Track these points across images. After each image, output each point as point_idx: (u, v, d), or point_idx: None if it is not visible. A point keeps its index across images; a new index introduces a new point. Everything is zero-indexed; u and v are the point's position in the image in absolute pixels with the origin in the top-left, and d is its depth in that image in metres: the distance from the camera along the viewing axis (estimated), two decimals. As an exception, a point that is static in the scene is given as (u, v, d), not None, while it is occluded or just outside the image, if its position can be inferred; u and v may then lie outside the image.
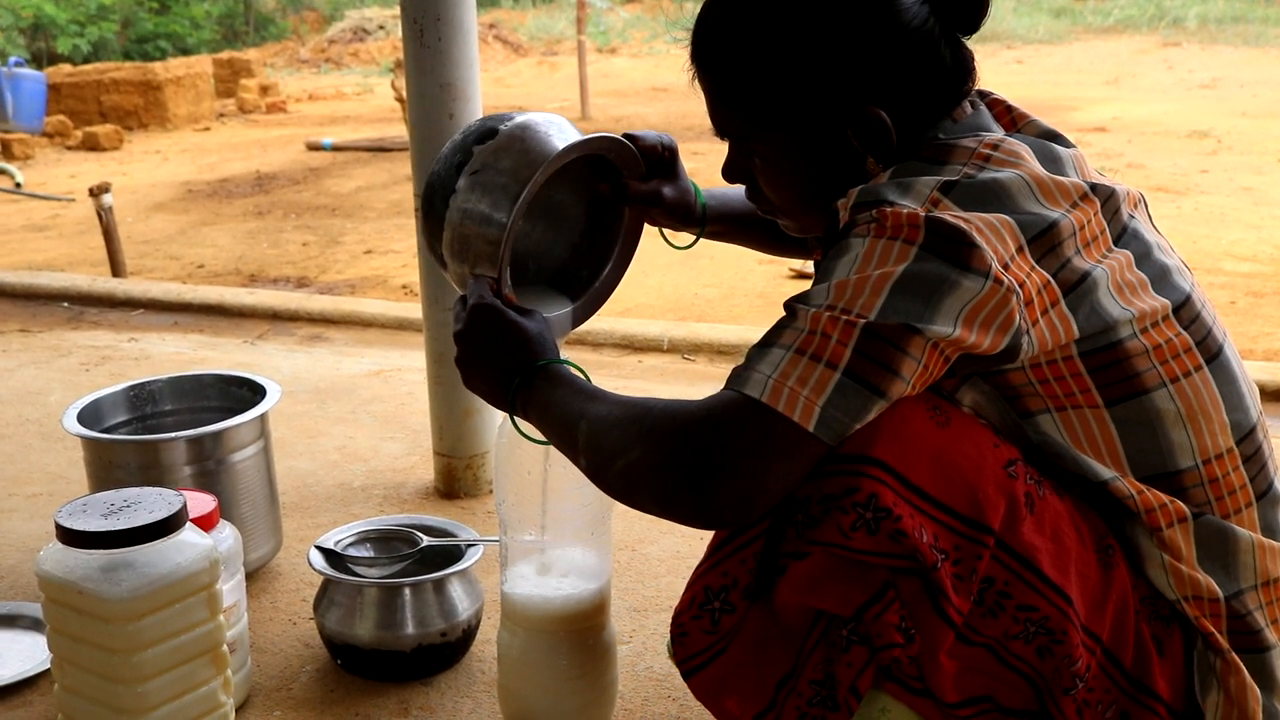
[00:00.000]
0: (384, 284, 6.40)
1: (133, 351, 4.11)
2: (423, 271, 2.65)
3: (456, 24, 2.49)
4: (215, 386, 2.41)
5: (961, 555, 1.28)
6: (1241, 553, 1.37)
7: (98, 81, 13.13)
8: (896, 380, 1.23)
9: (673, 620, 1.39)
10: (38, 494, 2.79)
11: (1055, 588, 1.30)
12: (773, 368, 1.24)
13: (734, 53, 1.41)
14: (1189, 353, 1.36)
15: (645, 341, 4.35)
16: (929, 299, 1.23)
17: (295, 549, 2.40)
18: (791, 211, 1.50)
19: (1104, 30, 19.96)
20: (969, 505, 1.28)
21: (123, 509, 1.56)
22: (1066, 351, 1.31)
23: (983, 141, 1.37)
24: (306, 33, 22.39)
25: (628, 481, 1.32)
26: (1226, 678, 1.36)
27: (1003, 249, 1.26)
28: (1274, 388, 3.61)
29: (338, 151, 10.79)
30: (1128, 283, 1.34)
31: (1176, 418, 1.34)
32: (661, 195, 1.71)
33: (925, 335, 1.22)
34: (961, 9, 1.40)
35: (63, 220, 8.32)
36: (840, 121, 1.39)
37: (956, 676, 1.32)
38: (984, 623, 1.31)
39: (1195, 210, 7.46)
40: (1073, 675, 1.31)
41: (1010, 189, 1.31)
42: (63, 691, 1.64)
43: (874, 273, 1.25)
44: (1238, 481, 1.38)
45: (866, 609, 1.28)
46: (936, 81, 1.40)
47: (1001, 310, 1.24)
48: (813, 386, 1.23)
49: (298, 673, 2.01)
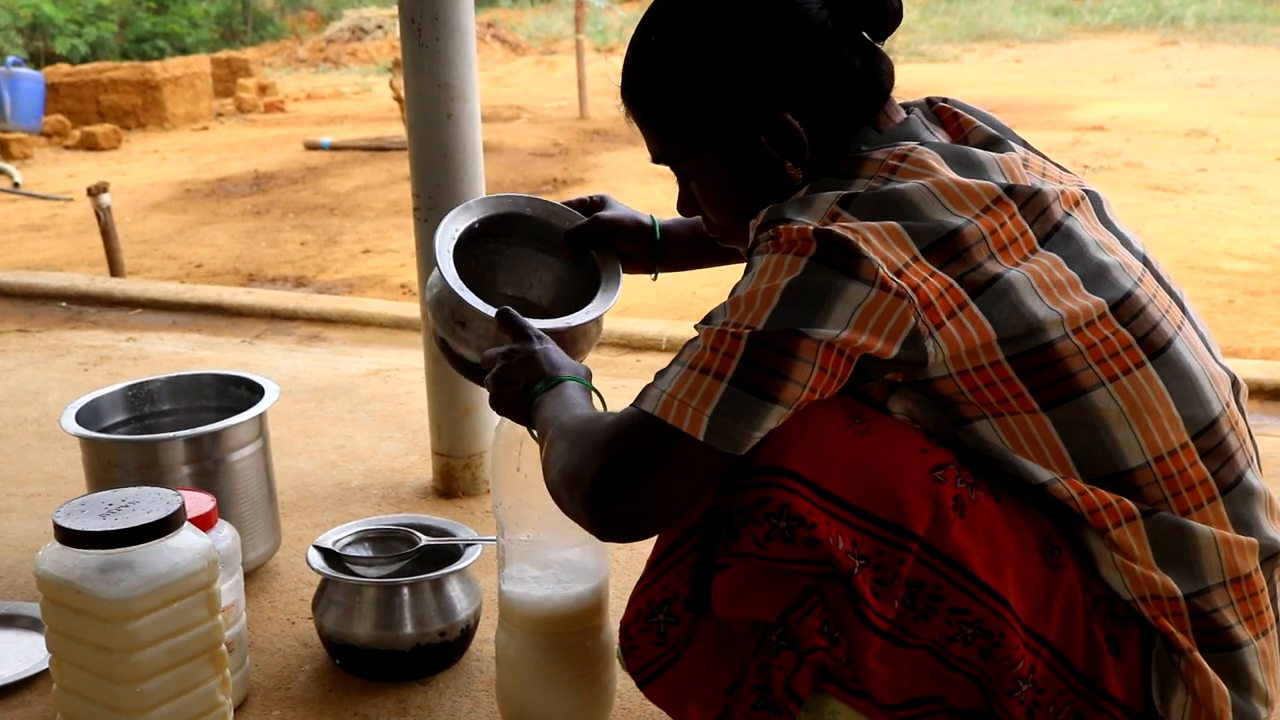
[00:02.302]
0: (382, 283, 6.40)
1: (131, 351, 4.10)
2: (421, 271, 2.65)
3: (454, 23, 2.49)
4: (213, 386, 2.41)
5: (884, 560, 1.30)
6: (1203, 550, 1.35)
7: (96, 81, 13.13)
8: (788, 385, 1.26)
9: (621, 633, 1.44)
10: (36, 494, 2.79)
11: (989, 590, 1.31)
12: (669, 383, 1.30)
13: (648, 75, 1.47)
14: (1129, 350, 1.34)
15: (643, 341, 4.36)
16: (817, 306, 1.26)
17: (293, 548, 2.40)
18: (734, 230, 1.52)
19: (1102, 29, 19.96)
20: (890, 510, 1.30)
21: (121, 509, 1.56)
22: (993, 356, 1.30)
23: (892, 153, 1.39)
24: (305, 32, 22.38)
25: (554, 490, 1.41)
26: (1191, 678, 1.35)
27: (894, 257, 1.28)
28: (1272, 386, 3.61)
29: (336, 151, 10.79)
30: (1056, 283, 1.33)
31: (1120, 416, 1.33)
32: (601, 221, 1.84)
33: (812, 337, 1.25)
34: (865, 13, 1.42)
35: (61, 220, 8.32)
36: (752, 128, 1.42)
37: (896, 678, 1.34)
38: (917, 625, 1.32)
39: (1193, 209, 7.47)
40: (1015, 677, 1.32)
41: (912, 199, 1.32)
42: (61, 691, 1.64)
43: (764, 286, 1.29)
44: (1196, 476, 1.35)
45: (789, 614, 1.33)
46: (844, 85, 1.42)
47: (892, 315, 1.26)
48: (700, 397, 1.27)
49: (296, 672, 2.01)
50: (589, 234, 1.85)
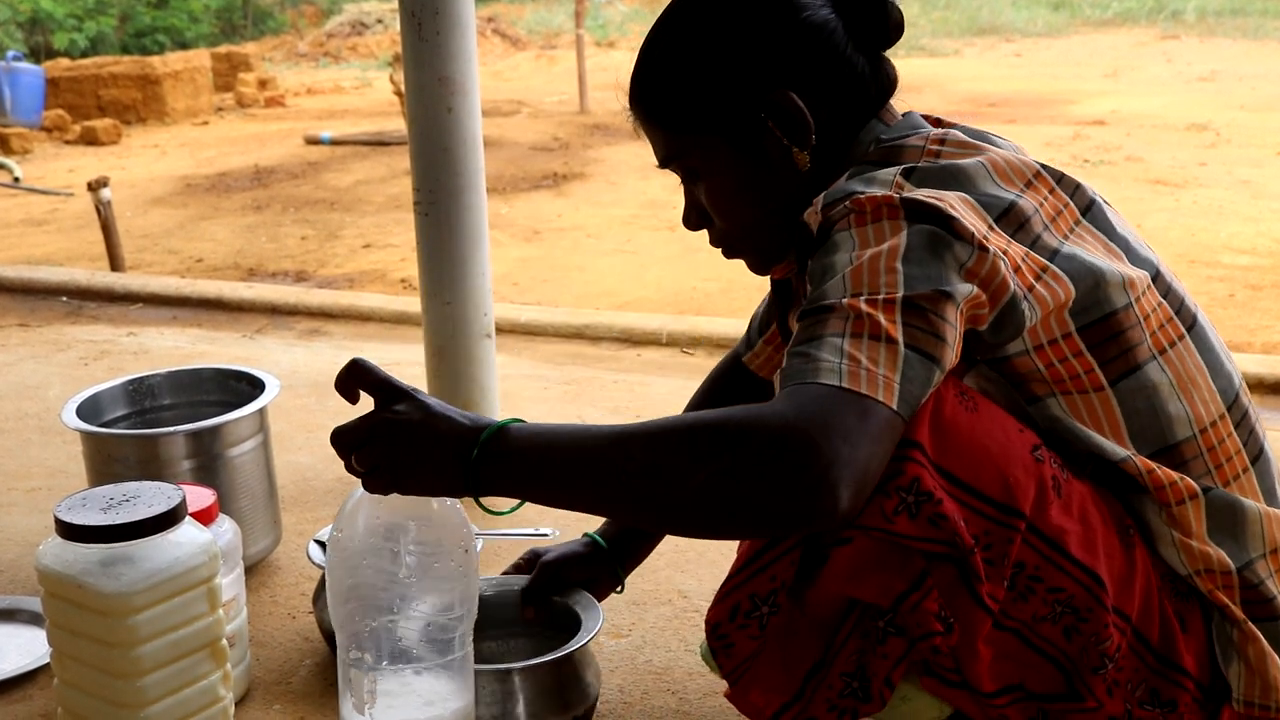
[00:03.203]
0: (382, 278, 6.40)
1: (131, 346, 4.10)
2: (421, 265, 2.65)
3: (455, 17, 2.49)
4: (214, 380, 2.41)
5: (992, 540, 1.27)
6: (1250, 523, 1.38)
7: (96, 76, 13.13)
8: (945, 346, 1.21)
9: (712, 631, 1.35)
10: (37, 488, 2.79)
11: (1085, 569, 1.31)
12: (838, 355, 1.18)
13: (655, 70, 1.49)
14: (1171, 322, 1.38)
15: (644, 335, 4.36)
16: (940, 265, 1.24)
17: (294, 543, 2.40)
18: (747, 230, 1.51)
19: (1102, 23, 19.94)
20: (1000, 490, 1.27)
21: (122, 503, 1.56)
22: (1065, 329, 1.32)
23: (929, 137, 1.41)
24: (305, 26, 22.36)
25: (715, 495, 1.18)
26: (1245, 647, 1.37)
27: (979, 223, 1.29)
28: (1272, 380, 3.61)
29: (336, 145, 10.79)
30: (1110, 250, 1.37)
31: (1170, 389, 1.35)
32: (548, 563, 1.80)
33: (954, 298, 1.23)
34: (868, 22, 1.45)
35: (61, 215, 8.32)
36: (755, 108, 1.43)
37: (991, 664, 1.32)
38: (1015, 607, 1.31)
39: (1194, 203, 7.47)
40: (1100, 654, 1.32)
41: (969, 172, 1.34)
42: (62, 685, 1.64)
43: (878, 250, 1.24)
44: (1233, 448, 1.39)
45: (905, 598, 1.27)
46: (847, 80, 1.45)
47: (995, 275, 1.25)
48: (885, 364, 1.18)
49: (297, 666, 2.01)
50: (545, 580, 1.78)
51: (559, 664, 1.66)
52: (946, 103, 12.22)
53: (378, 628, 1.49)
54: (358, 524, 1.48)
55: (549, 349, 4.27)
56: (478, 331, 2.64)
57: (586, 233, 7.23)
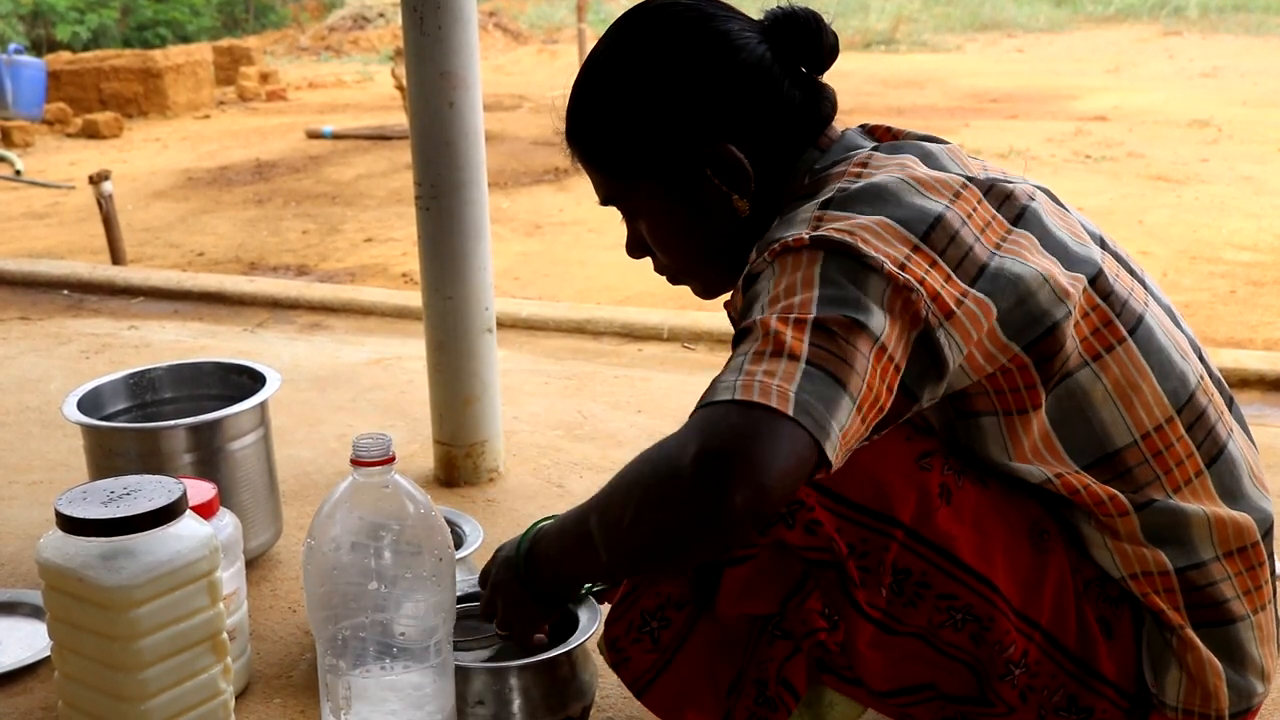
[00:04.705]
0: (384, 272, 6.40)
1: (133, 339, 4.11)
2: (423, 259, 2.65)
3: (456, 11, 2.49)
4: (215, 374, 2.41)
5: (869, 548, 1.31)
6: (1195, 528, 1.35)
7: (97, 69, 13.12)
8: (853, 373, 1.16)
9: (609, 646, 1.43)
10: (38, 481, 2.80)
11: (976, 575, 1.32)
12: (737, 373, 1.18)
13: (591, 113, 1.48)
14: (1109, 326, 1.34)
15: (645, 330, 4.36)
16: (855, 291, 1.21)
17: (295, 537, 2.40)
18: (689, 267, 1.53)
19: (1105, 19, 19.93)
20: (875, 499, 1.30)
21: (123, 496, 1.56)
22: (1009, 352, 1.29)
23: (853, 160, 1.39)
24: (306, 20, 22.34)
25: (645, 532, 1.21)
26: (1184, 655, 1.35)
27: (895, 251, 1.25)
28: (1274, 377, 3.60)
29: (338, 139, 10.78)
30: (1045, 259, 1.33)
31: (1105, 395, 1.33)
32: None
33: (868, 329, 1.19)
34: (802, 49, 1.44)
35: (63, 208, 8.32)
36: (696, 161, 1.43)
37: (889, 666, 1.34)
38: (906, 613, 1.33)
39: (1196, 199, 7.46)
40: (1006, 662, 1.33)
41: (890, 188, 1.31)
42: (63, 678, 1.64)
43: (793, 280, 1.23)
44: (1184, 451, 1.35)
45: (789, 600, 1.33)
46: (785, 117, 1.44)
47: (908, 309, 1.22)
48: (781, 376, 1.15)
49: (298, 660, 2.01)
50: None
51: (556, 663, 1.66)
52: (948, 98, 12.21)
53: (353, 633, 1.50)
54: (331, 530, 1.49)
55: (550, 344, 4.27)
56: (479, 326, 2.64)
57: (588, 227, 7.22)
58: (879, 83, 13.43)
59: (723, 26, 1.42)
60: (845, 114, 1.52)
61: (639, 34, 1.45)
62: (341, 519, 1.48)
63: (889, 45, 17.74)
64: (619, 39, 1.47)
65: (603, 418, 3.17)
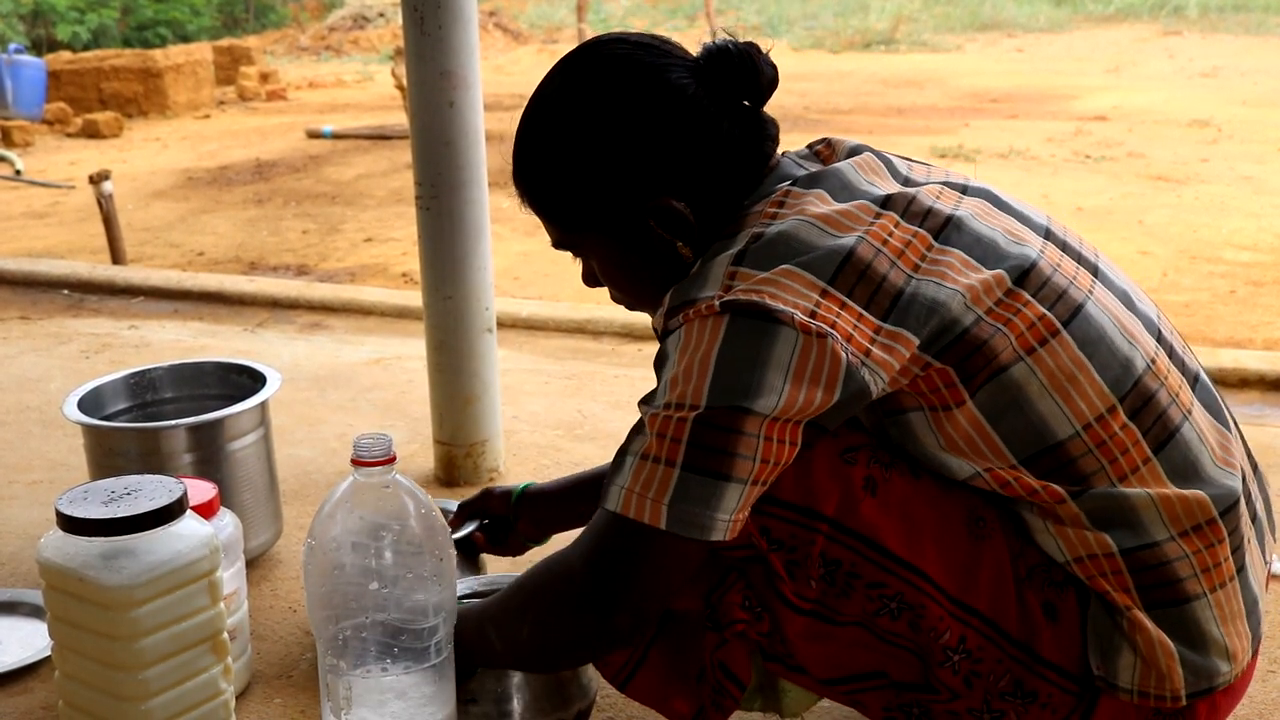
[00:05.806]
0: (384, 272, 6.40)
1: (133, 339, 4.11)
2: (423, 259, 2.65)
3: (457, 11, 2.49)
4: (215, 374, 2.41)
5: (796, 543, 1.35)
6: (1141, 510, 1.34)
7: (98, 69, 13.12)
8: (738, 460, 1.28)
9: None
10: (38, 481, 2.80)
11: (904, 563, 1.34)
12: (626, 477, 1.33)
13: (534, 167, 1.51)
14: (1043, 319, 1.34)
15: (645, 330, 4.35)
16: (750, 375, 1.28)
17: (295, 536, 2.40)
18: (641, 304, 1.57)
19: (1105, 19, 19.93)
20: (799, 495, 1.35)
21: (123, 496, 1.56)
22: (922, 363, 1.32)
23: (769, 201, 1.41)
24: (306, 20, 22.35)
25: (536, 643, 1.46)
26: (1134, 636, 1.34)
27: (803, 300, 1.29)
28: (1274, 377, 3.60)
29: (338, 139, 10.78)
30: (969, 266, 1.35)
31: (1041, 388, 1.33)
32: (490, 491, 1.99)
33: (755, 411, 1.27)
34: (741, 85, 1.45)
35: (63, 207, 8.31)
36: (639, 214, 1.45)
37: (832, 655, 1.39)
38: (841, 603, 1.36)
39: (1196, 199, 7.46)
40: (943, 648, 1.35)
41: (796, 234, 1.35)
42: (63, 678, 1.64)
43: (696, 358, 1.31)
44: (1128, 439, 1.35)
45: (712, 594, 1.41)
46: (726, 158, 1.45)
47: (824, 359, 1.28)
48: (656, 488, 1.30)
49: (298, 660, 2.02)
50: (473, 505, 1.99)
51: None
52: (948, 98, 12.21)
53: (354, 633, 1.50)
54: (332, 530, 1.49)
55: (550, 344, 4.27)
56: (479, 326, 2.64)
57: (588, 227, 7.21)
58: (879, 82, 13.43)
59: (660, 75, 1.43)
60: (845, 114, 1.53)
61: (577, 84, 1.46)
62: (342, 519, 1.49)
63: (889, 45, 17.74)
64: (560, 90, 1.48)
65: (603, 417, 3.17)
